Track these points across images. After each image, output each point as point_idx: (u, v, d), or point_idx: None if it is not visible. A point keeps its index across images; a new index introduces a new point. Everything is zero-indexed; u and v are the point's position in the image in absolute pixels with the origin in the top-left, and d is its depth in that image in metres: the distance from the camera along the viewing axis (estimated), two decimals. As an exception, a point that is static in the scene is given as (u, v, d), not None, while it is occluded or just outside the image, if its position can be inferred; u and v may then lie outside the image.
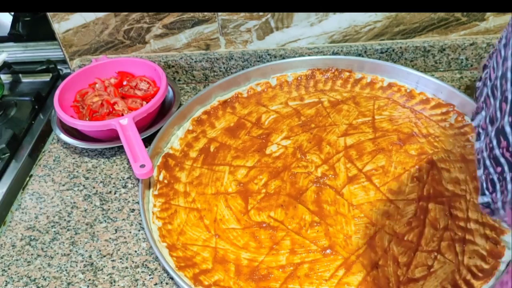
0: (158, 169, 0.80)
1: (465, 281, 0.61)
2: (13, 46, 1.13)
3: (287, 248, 0.67)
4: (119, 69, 0.95)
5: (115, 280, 0.66)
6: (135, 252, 0.70)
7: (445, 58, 0.94)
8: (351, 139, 0.81)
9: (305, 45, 0.97)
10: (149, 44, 0.99)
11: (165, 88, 0.87)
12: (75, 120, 0.84)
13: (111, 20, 0.95)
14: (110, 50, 1.01)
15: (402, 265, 0.63)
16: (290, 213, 0.71)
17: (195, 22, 0.94)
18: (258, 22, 0.93)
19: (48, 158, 0.87)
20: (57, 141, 0.90)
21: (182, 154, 0.83)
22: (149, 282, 0.65)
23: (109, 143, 0.84)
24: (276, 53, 0.96)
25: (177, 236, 0.70)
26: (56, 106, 0.85)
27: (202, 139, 0.86)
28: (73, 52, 1.02)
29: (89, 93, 0.91)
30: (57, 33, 0.98)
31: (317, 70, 0.95)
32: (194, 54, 0.99)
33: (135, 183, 0.80)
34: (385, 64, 0.91)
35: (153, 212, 0.73)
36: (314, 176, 0.76)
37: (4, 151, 0.88)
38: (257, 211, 0.72)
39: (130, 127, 0.79)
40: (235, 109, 0.91)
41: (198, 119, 0.89)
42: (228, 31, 0.95)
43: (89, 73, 0.93)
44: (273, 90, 0.94)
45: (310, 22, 0.93)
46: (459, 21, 0.91)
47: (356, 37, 0.95)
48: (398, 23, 0.92)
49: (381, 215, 0.69)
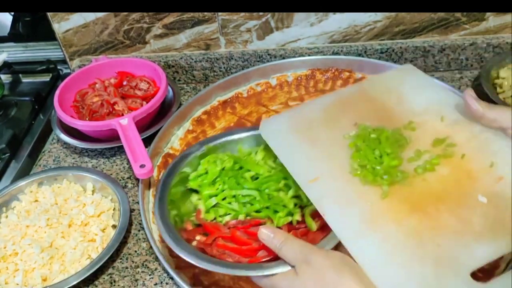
0: (158, 169, 0.80)
1: (465, 281, 0.60)
2: (13, 46, 1.13)
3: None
4: (119, 69, 0.95)
5: (115, 280, 0.66)
6: (135, 252, 0.70)
7: (445, 58, 0.94)
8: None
9: (305, 45, 0.97)
10: (149, 44, 0.99)
11: (165, 88, 0.87)
12: (75, 120, 0.84)
13: (111, 20, 0.95)
14: (110, 50, 1.01)
15: (402, 265, 0.63)
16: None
17: (195, 22, 0.94)
18: (258, 22, 0.93)
19: (48, 158, 0.87)
20: (57, 141, 0.90)
21: (182, 154, 0.83)
22: (149, 282, 0.65)
23: (109, 143, 0.84)
24: (276, 53, 0.96)
25: (177, 236, 0.70)
26: (56, 106, 0.85)
27: (202, 139, 0.85)
28: (73, 52, 1.02)
29: (89, 93, 0.91)
30: (57, 33, 0.98)
31: (317, 70, 0.95)
32: (194, 54, 0.99)
33: (135, 183, 0.80)
34: (385, 64, 0.91)
35: (153, 212, 0.73)
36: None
37: (4, 151, 0.88)
38: (257, 211, 0.72)
39: (130, 127, 0.79)
40: (235, 109, 0.91)
41: (198, 119, 0.89)
42: (228, 31, 0.95)
43: (89, 73, 0.93)
44: (273, 90, 0.94)
45: (310, 22, 0.93)
46: (459, 21, 0.91)
47: (356, 37, 0.95)
48: (398, 23, 0.92)
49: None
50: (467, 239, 0.47)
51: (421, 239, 0.47)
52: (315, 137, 0.61)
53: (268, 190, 0.61)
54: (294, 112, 0.66)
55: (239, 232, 0.58)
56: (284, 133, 0.62)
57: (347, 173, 0.55)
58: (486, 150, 0.55)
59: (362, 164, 0.56)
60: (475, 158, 0.54)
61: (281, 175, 0.62)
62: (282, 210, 0.59)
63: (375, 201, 0.52)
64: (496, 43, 0.91)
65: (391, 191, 0.53)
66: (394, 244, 0.48)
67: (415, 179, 0.53)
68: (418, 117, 0.61)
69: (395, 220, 0.49)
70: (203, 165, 0.68)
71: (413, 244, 0.47)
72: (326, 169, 0.57)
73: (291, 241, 0.51)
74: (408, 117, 0.61)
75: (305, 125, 0.63)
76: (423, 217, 0.49)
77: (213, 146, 0.70)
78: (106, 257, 0.65)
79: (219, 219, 0.62)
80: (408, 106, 0.62)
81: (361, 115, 0.62)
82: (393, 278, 0.45)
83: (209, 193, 0.64)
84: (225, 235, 0.58)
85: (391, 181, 0.53)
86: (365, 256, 0.47)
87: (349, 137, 0.60)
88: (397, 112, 0.61)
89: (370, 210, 0.51)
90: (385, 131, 0.59)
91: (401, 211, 0.50)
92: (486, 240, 0.47)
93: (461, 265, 0.46)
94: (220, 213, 0.62)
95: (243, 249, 0.56)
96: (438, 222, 0.49)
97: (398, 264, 0.46)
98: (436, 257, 0.46)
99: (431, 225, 0.48)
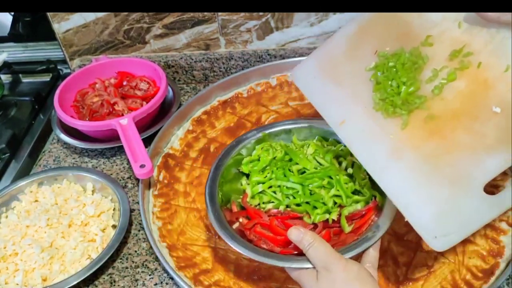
0: (158, 169, 0.80)
1: (465, 281, 0.61)
2: (13, 46, 1.13)
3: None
4: (119, 69, 0.95)
5: (115, 280, 0.66)
6: (135, 252, 0.70)
7: (445, 58, 0.94)
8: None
9: (305, 45, 0.97)
10: (149, 44, 0.99)
11: (165, 88, 0.87)
12: (75, 120, 0.84)
13: (111, 20, 0.95)
14: (110, 50, 1.01)
15: (402, 265, 0.63)
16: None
17: (195, 22, 0.94)
18: (258, 22, 0.93)
19: (48, 158, 0.87)
20: (57, 141, 0.90)
21: (182, 154, 0.83)
22: (149, 282, 0.65)
23: (109, 143, 0.84)
24: (276, 53, 0.96)
25: (177, 236, 0.70)
26: (56, 106, 0.85)
27: (202, 139, 0.86)
28: (73, 52, 1.02)
29: (89, 93, 0.91)
30: (57, 33, 0.98)
31: (317, 70, 0.95)
32: (194, 54, 0.99)
33: (135, 183, 0.80)
34: (385, 64, 0.91)
35: (153, 212, 0.73)
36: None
37: (4, 151, 0.88)
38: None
39: (130, 127, 0.79)
40: (235, 109, 0.91)
41: (198, 119, 0.89)
42: (228, 31, 0.95)
43: (89, 73, 0.93)
44: (273, 90, 0.94)
45: (310, 22, 0.93)
46: (459, 21, 0.91)
47: (356, 37, 0.95)
48: (398, 23, 0.92)
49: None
50: (480, 154, 0.49)
51: (437, 162, 0.50)
52: (340, 75, 0.61)
53: (312, 186, 0.62)
54: (321, 50, 0.66)
55: (277, 221, 0.60)
56: (312, 77, 0.63)
57: (371, 109, 0.57)
58: (502, 53, 0.53)
59: (382, 97, 0.57)
60: (490, 64, 0.54)
61: (326, 172, 0.63)
62: (320, 207, 0.61)
63: (396, 132, 0.53)
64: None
65: (411, 119, 0.54)
66: (414, 170, 0.51)
67: (433, 100, 0.54)
68: (436, 28, 0.59)
69: (414, 148, 0.52)
70: (257, 151, 0.70)
71: (430, 168, 0.50)
72: (352, 109, 0.58)
73: (318, 244, 0.53)
74: (426, 30, 0.60)
75: (330, 63, 0.63)
76: (439, 140, 0.51)
77: (269, 133, 0.72)
78: (106, 257, 0.65)
79: (262, 206, 0.64)
80: (427, 17, 0.61)
81: (381, 39, 0.62)
82: (416, 203, 0.49)
83: (257, 179, 0.66)
84: (264, 222, 0.61)
85: (410, 109, 0.54)
86: (391, 187, 0.51)
87: (369, 70, 0.60)
88: (416, 26, 0.60)
89: (393, 142, 0.53)
90: (402, 56, 0.58)
91: (420, 137, 0.52)
92: (497, 151, 0.49)
93: (474, 180, 0.48)
94: (264, 200, 0.64)
95: (278, 239, 0.59)
96: (453, 142, 0.50)
97: (419, 190, 0.50)
98: (451, 177, 0.49)
99: (447, 147, 0.50)
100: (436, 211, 0.49)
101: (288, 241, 0.57)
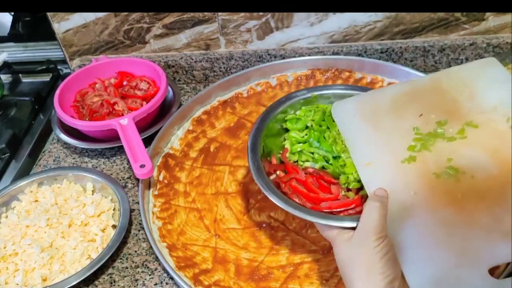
0: (158, 169, 0.80)
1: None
2: (13, 46, 1.13)
3: (287, 248, 0.67)
4: (119, 69, 0.95)
5: (115, 280, 0.66)
6: (135, 252, 0.70)
7: (445, 58, 0.94)
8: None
9: (305, 45, 0.97)
10: (149, 44, 0.99)
11: (165, 88, 0.87)
12: (75, 120, 0.84)
13: (111, 20, 0.95)
14: (110, 50, 1.01)
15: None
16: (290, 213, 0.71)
17: (195, 22, 0.94)
18: (258, 22, 0.93)
19: (48, 158, 0.87)
20: (57, 141, 0.90)
21: (182, 154, 0.83)
22: (149, 282, 0.65)
23: (109, 143, 0.84)
24: (276, 53, 0.96)
25: (177, 236, 0.70)
26: (56, 106, 0.85)
27: (202, 139, 0.86)
28: (73, 52, 1.02)
29: (89, 93, 0.91)
30: (57, 33, 0.98)
31: (317, 70, 0.95)
32: (194, 54, 0.99)
33: (135, 183, 0.80)
34: (385, 64, 0.91)
35: (153, 212, 0.73)
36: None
37: (4, 151, 0.88)
38: (257, 211, 0.72)
39: (130, 127, 0.79)
40: (235, 109, 0.91)
41: (198, 119, 0.89)
42: (228, 31, 0.95)
43: (89, 73, 0.93)
44: (273, 90, 0.94)
45: (310, 22, 0.93)
46: (459, 21, 0.91)
47: (356, 37, 0.95)
48: (398, 23, 0.92)
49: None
50: (494, 237, 0.50)
51: (452, 231, 0.51)
52: (379, 123, 0.62)
53: (343, 157, 0.62)
54: (364, 97, 0.67)
55: (311, 179, 0.62)
56: (352, 116, 0.65)
57: (399, 162, 0.57)
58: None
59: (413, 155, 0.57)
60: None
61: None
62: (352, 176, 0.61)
63: (419, 190, 0.54)
64: (496, 43, 0.91)
65: (438, 183, 0.54)
66: (425, 230, 0.51)
67: (464, 175, 0.54)
68: (484, 114, 0.60)
69: (431, 209, 0.52)
70: (302, 111, 0.70)
71: (443, 233, 0.50)
72: (380, 155, 0.58)
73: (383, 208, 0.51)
74: (474, 114, 0.60)
75: (372, 110, 0.64)
76: (459, 211, 0.52)
77: (318, 95, 0.72)
78: (106, 257, 0.65)
79: (300, 163, 0.65)
80: (478, 102, 0.62)
81: (429, 106, 0.62)
82: (418, 260, 0.50)
83: (297, 138, 0.67)
84: (300, 178, 0.62)
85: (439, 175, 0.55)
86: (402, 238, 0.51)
87: (416, 132, 0.60)
88: (466, 108, 0.61)
89: (412, 199, 0.53)
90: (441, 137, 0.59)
91: (440, 202, 0.53)
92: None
93: (482, 259, 0.49)
94: (302, 158, 0.65)
95: (311, 195, 0.60)
96: (472, 217, 0.51)
97: (426, 248, 0.50)
98: (461, 249, 0.49)
99: (465, 220, 0.51)
100: (437, 274, 0.49)
101: (320, 199, 0.59)
